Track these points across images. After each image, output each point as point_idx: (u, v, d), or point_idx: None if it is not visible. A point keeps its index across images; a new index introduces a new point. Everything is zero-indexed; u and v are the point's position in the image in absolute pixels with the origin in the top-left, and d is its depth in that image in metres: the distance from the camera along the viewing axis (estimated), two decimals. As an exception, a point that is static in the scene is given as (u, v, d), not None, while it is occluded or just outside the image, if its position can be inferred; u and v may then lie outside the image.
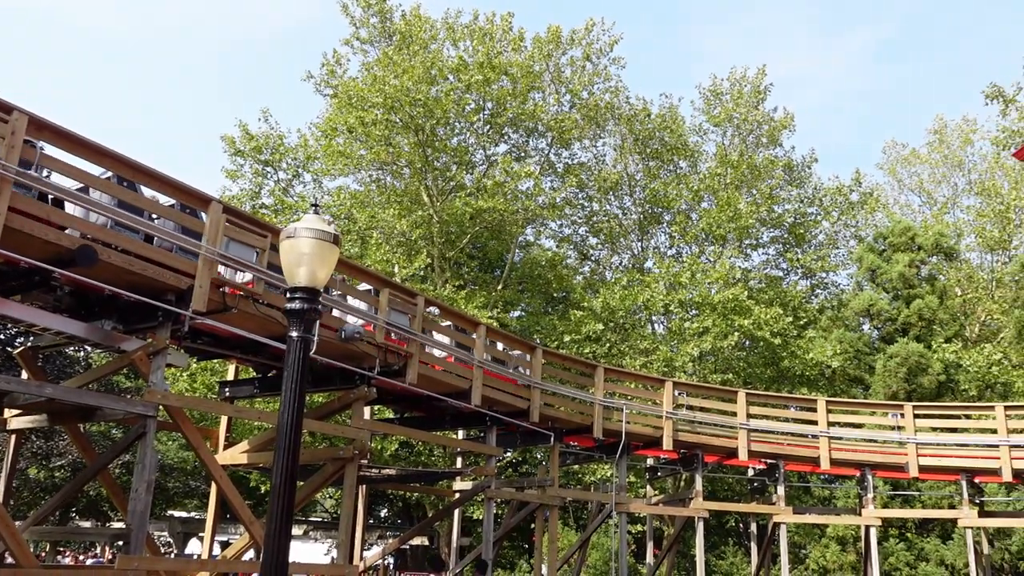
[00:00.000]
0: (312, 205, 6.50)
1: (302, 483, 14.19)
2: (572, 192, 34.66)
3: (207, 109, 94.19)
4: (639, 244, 37.13)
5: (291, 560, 17.62)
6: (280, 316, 10.36)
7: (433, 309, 14.07)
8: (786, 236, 35.44)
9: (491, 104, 30.28)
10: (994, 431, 17.31)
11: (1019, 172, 36.33)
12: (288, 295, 6.09)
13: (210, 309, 10.08)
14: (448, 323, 14.87)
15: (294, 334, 5.99)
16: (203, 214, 10.28)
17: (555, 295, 33.51)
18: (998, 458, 17.09)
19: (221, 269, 10.30)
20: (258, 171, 29.94)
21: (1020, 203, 35.57)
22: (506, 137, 32.46)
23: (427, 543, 32.38)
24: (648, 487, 22.55)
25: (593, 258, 38.27)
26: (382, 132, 27.66)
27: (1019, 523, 21.00)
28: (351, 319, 12.12)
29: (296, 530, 34.99)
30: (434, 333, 14.25)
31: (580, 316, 28.52)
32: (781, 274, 35.81)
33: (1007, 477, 17.17)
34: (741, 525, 32.13)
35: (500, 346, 16.05)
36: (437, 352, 14.00)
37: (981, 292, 35.99)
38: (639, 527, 28.95)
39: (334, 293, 12.09)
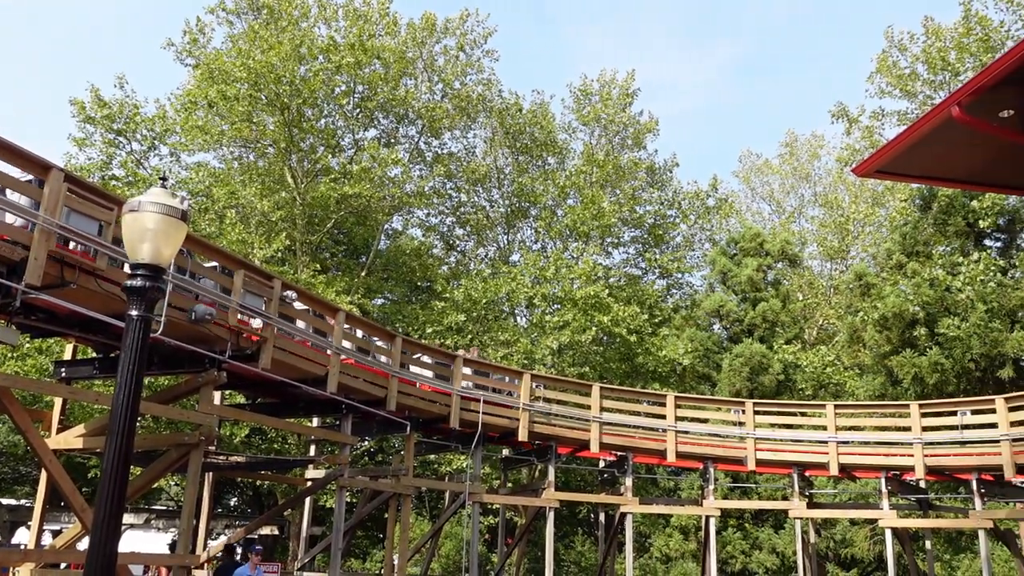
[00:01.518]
0: (160, 179, 6.19)
1: (142, 469, 13.57)
2: (440, 182, 34.61)
3: (56, 73, 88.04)
4: (505, 237, 37.52)
5: (131, 550, 16.79)
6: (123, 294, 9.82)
7: (290, 293, 13.71)
8: (646, 236, 36.64)
9: (362, 87, 29.77)
10: (824, 428, 18.51)
11: (858, 187, 38.99)
12: (130, 272, 5.79)
13: (46, 284, 9.44)
14: (307, 308, 14.53)
15: (134, 313, 5.70)
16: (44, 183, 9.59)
17: (419, 284, 33.39)
18: (827, 453, 18.28)
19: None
20: (110, 141, 28.18)
21: (858, 216, 38.16)
22: (376, 122, 32.02)
23: (277, 532, 31.60)
24: (503, 477, 22.85)
25: (459, 249, 38.38)
26: (245, 108, 26.68)
27: (843, 514, 22.59)
28: (205, 300, 11.64)
29: (137, 519, 33.38)
30: (293, 318, 13.89)
31: (442, 306, 28.52)
32: (640, 273, 37.01)
33: (834, 471, 18.40)
34: (592, 515, 33.08)
35: (360, 333, 15.83)
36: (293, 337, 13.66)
37: (820, 298, 38.40)
38: (492, 519, 29.29)
39: (185, 272, 11.56)
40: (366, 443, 27.73)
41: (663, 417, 18.79)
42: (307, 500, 18.53)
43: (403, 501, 16.81)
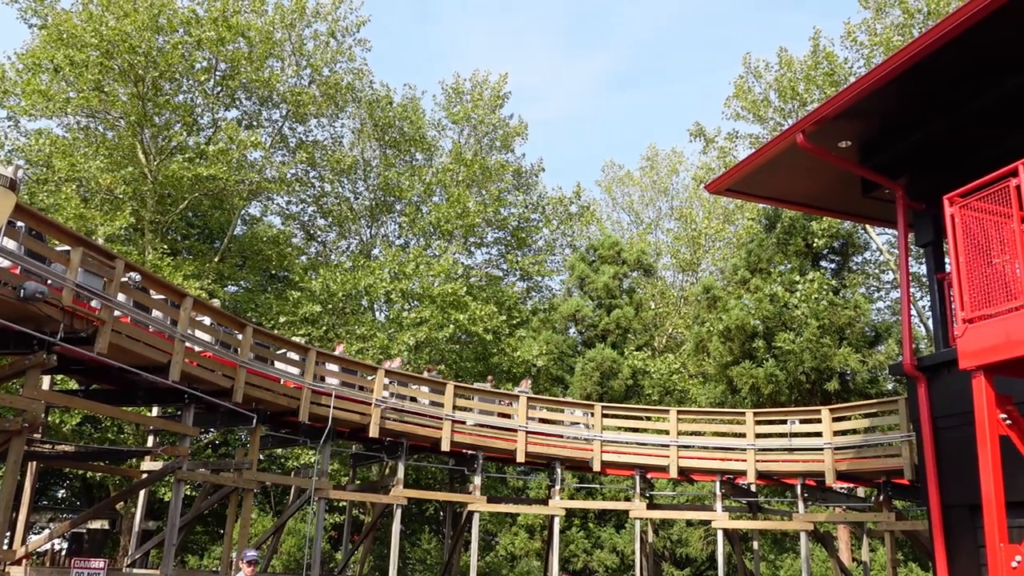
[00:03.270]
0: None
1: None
2: (303, 169, 33.76)
3: None
4: (368, 230, 37.00)
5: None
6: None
7: (134, 275, 13.00)
8: (509, 238, 37.06)
9: (224, 65, 28.61)
10: (667, 432, 19.27)
11: (712, 204, 40.88)
12: (-54, 241, 5.32)
13: None
14: (155, 293, 13.81)
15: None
16: None
17: (275, 273, 32.41)
18: (668, 456, 19.04)
19: None
20: (-62, 100, 25.92)
21: (710, 231, 40.00)
22: (238, 103, 30.84)
23: (108, 527, 29.87)
24: (351, 474, 22.51)
25: (320, 240, 37.53)
26: (95, 76, 25.08)
27: (680, 515, 23.60)
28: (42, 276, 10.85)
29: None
30: (142, 304, 13.17)
31: (298, 297, 27.82)
32: (501, 274, 37.38)
33: (673, 474, 19.18)
34: (440, 513, 33.10)
35: (208, 321, 15.20)
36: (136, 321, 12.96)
37: (671, 307, 39.97)
38: (339, 516, 28.80)
39: (13, 245, 10.74)
40: (210, 435, 26.68)
41: (515, 417, 19.03)
42: (142, 493, 17.60)
43: (245, 496, 16.25)
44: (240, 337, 15.20)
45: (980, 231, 6.97)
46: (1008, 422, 6.59)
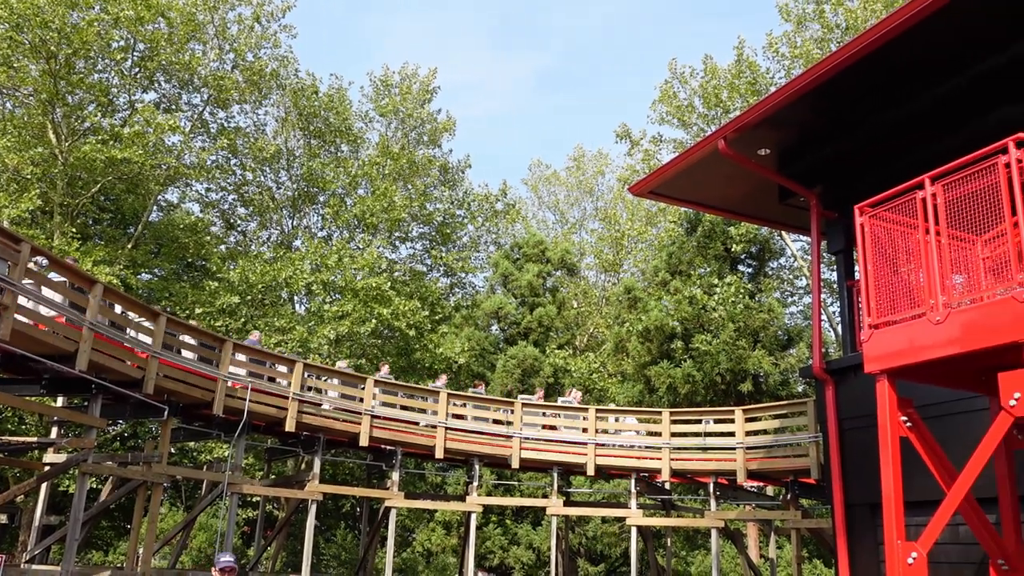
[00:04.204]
0: None
1: None
2: (224, 156, 32.92)
3: None
4: (290, 221, 36.35)
5: None
6: None
7: (41, 259, 12.47)
8: (434, 234, 36.91)
9: (143, 46, 27.67)
10: (585, 430, 19.47)
11: (635, 206, 41.49)
12: None
13: None
14: (63, 279, 13.26)
15: None
16: None
17: (192, 262, 31.52)
18: (585, 454, 19.24)
19: None
20: None
21: (633, 233, 40.59)
22: (156, 85, 29.87)
23: (6, 521, 28.60)
24: (266, 468, 22.11)
25: (240, 229, 36.67)
26: (3, 51, 23.96)
27: (595, 512, 23.90)
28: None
29: None
30: (42, 287, 12.63)
31: (215, 287, 27.14)
32: (425, 269, 37.20)
33: (591, 471, 19.40)
34: (357, 509, 32.78)
35: (119, 309, 14.69)
36: (44, 309, 12.43)
37: (592, 307, 40.42)
38: (252, 511, 28.24)
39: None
40: (119, 426, 25.81)
41: (435, 413, 18.96)
42: (44, 486, 16.90)
43: (154, 490, 15.77)
44: (152, 326, 14.74)
45: (888, 240, 7.24)
46: (908, 424, 6.87)
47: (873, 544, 9.90)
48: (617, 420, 20.75)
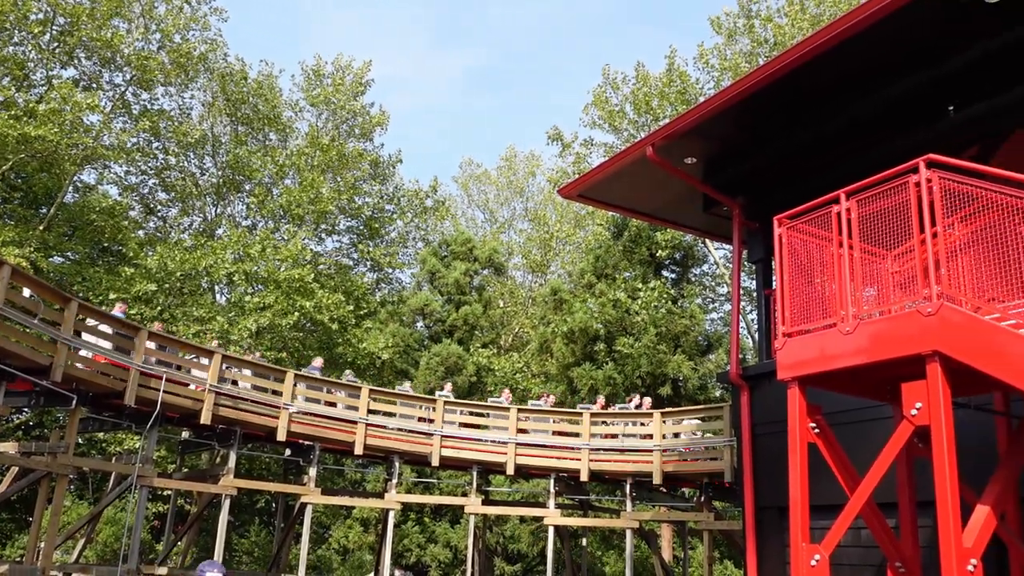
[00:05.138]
0: None
1: None
2: (146, 139, 31.91)
3: None
4: (214, 209, 35.48)
5: None
6: None
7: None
8: (362, 228, 36.50)
9: (63, 20, 26.63)
10: (506, 429, 19.53)
11: (565, 208, 41.83)
12: None
13: None
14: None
15: None
16: None
17: (108, 247, 30.45)
18: (506, 453, 19.30)
19: None
20: None
21: (561, 235, 40.91)
22: (76, 61, 28.77)
23: None
24: (179, 461, 21.55)
25: (160, 215, 35.60)
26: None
27: (514, 511, 24.01)
28: None
29: None
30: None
31: (132, 273, 26.31)
32: (351, 263, 36.77)
33: (511, 471, 19.47)
34: (273, 504, 32.21)
35: (27, 292, 14.12)
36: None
37: (519, 307, 40.59)
38: (163, 505, 27.48)
39: None
40: (24, 414, 24.82)
41: (356, 409, 18.76)
42: (-63, 476, 16.13)
43: (59, 481, 15.19)
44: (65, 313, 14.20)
45: (804, 252, 7.47)
46: (816, 431, 7.09)
47: (780, 546, 10.20)
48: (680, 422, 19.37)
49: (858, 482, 6.71)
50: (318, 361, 21.49)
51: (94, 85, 29.41)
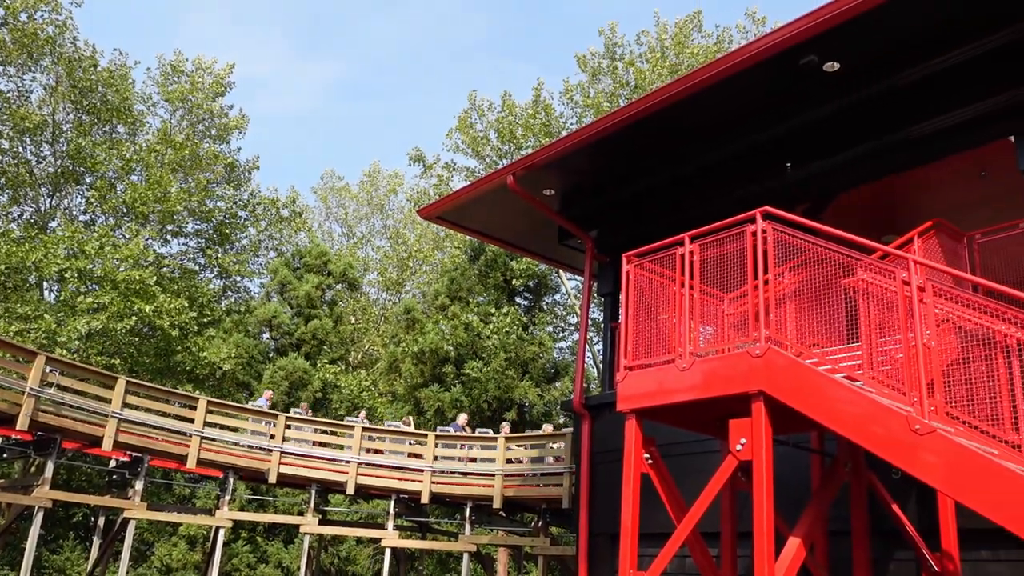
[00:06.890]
0: None
1: None
2: (-25, 118, 29.59)
3: None
4: (49, 200, 33.18)
5: None
6: None
7: None
8: (211, 232, 35.13)
9: None
10: (350, 447, 19.19)
11: (424, 229, 41.84)
12: None
13: None
14: None
15: None
16: None
17: (-78, 233, 27.92)
18: (347, 473, 18.95)
19: None
20: None
21: (419, 255, 40.86)
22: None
23: None
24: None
25: (-13, 202, 32.98)
26: None
27: (351, 532, 23.53)
28: None
29: None
30: None
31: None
32: (197, 268, 35.28)
33: (351, 491, 19.11)
34: (92, 519, 30.20)
35: None
36: None
37: (370, 324, 40.11)
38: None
39: None
40: None
41: (192, 420, 17.93)
42: None
43: None
44: None
45: (649, 289, 7.81)
46: (650, 461, 7.40)
47: (611, 572, 10.51)
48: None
49: (685, 512, 7.03)
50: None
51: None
